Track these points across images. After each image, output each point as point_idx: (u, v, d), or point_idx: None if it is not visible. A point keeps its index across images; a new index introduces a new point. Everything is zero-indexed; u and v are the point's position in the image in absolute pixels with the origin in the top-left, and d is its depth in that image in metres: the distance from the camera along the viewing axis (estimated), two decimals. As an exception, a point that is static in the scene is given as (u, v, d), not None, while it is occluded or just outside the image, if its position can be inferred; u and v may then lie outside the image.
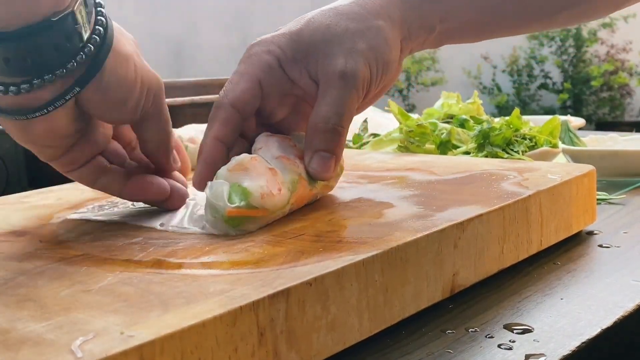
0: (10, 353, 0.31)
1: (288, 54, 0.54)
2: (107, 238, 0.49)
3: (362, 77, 0.52)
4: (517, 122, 0.87)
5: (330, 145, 0.53)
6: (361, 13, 0.54)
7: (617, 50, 5.27)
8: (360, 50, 0.53)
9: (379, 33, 0.54)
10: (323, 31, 0.53)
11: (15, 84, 0.45)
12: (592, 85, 5.22)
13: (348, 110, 0.52)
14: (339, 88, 0.52)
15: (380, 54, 0.54)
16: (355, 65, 0.52)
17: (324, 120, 0.52)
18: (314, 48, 0.53)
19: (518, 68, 5.48)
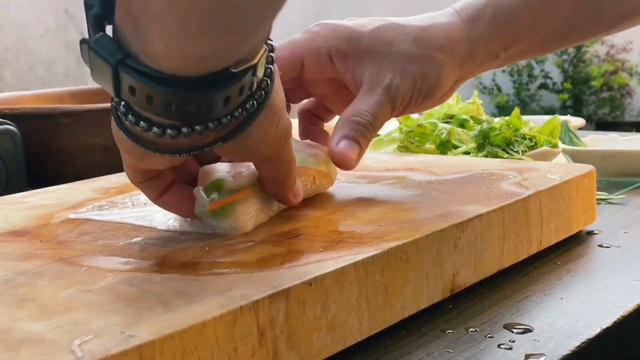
0: (10, 353, 0.31)
1: (342, 49, 0.56)
2: (107, 238, 0.49)
3: (402, 96, 0.56)
4: (517, 122, 0.87)
5: (359, 137, 0.55)
6: (426, 41, 0.57)
7: (617, 50, 5.26)
8: (411, 73, 0.56)
9: (435, 65, 0.57)
10: (385, 45, 0.56)
11: (161, 126, 0.39)
12: (592, 85, 5.22)
13: (381, 116, 0.56)
14: (380, 96, 0.55)
15: (427, 83, 0.57)
16: (401, 84, 0.55)
17: (359, 114, 0.55)
18: (368, 56, 0.56)
19: (518, 68, 5.47)
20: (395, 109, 0.56)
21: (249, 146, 0.43)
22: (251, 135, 0.42)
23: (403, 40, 0.56)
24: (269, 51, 0.41)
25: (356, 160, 0.55)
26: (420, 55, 0.56)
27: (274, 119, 0.43)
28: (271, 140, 0.44)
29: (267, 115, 0.42)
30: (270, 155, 0.46)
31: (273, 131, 0.44)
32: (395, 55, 0.56)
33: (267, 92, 0.41)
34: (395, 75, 0.55)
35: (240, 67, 0.38)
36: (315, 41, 0.57)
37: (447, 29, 0.58)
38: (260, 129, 0.42)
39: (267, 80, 0.41)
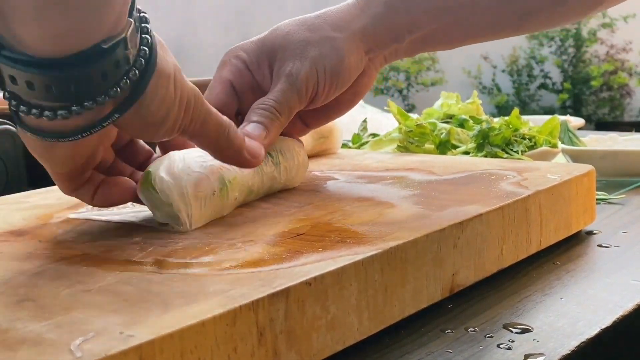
0: (9, 353, 0.31)
1: (253, 58, 0.60)
2: (107, 238, 0.49)
3: (305, 79, 0.58)
4: (517, 122, 0.87)
5: (265, 120, 0.57)
6: (320, 25, 0.60)
7: (617, 50, 5.27)
8: (309, 56, 0.58)
9: (331, 43, 0.59)
10: (282, 38, 0.60)
11: (52, 109, 0.41)
12: (591, 85, 5.22)
13: (286, 102, 0.58)
14: (282, 83, 0.58)
15: (329, 62, 0.59)
16: (300, 68, 0.58)
17: (262, 103, 0.58)
18: (273, 53, 0.60)
19: (518, 68, 5.48)
20: (302, 93, 0.58)
21: (152, 115, 0.44)
22: (148, 103, 0.44)
23: (298, 30, 0.59)
24: (143, 22, 0.43)
25: (264, 139, 0.56)
26: (316, 38, 0.59)
27: (168, 84, 0.44)
28: (175, 106, 0.45)
29: (158, 81, 0.44)
30: (192, 126, 0.47)
31: (172, 96, 0.45)
32: (294, 44, 0.59)
33: (147, 59, 0.43)
34: (295, 62, 0.58)
35: (110, 42, 0.40)
36: (233, 63, 0.60)
37: (341, 10, 0.61)
38: (156, 96, 0.44)
39: (145, 50, 0.43)
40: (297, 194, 0.60)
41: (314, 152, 0.75)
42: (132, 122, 0.44)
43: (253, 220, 0.52)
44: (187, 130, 0.47)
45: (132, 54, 0.42)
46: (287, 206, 0.56)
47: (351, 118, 1.16)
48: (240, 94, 0.60)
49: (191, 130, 0.47)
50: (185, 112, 0.46)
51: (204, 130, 0.48)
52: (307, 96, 0.59)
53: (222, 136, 0.50)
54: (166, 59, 0.45)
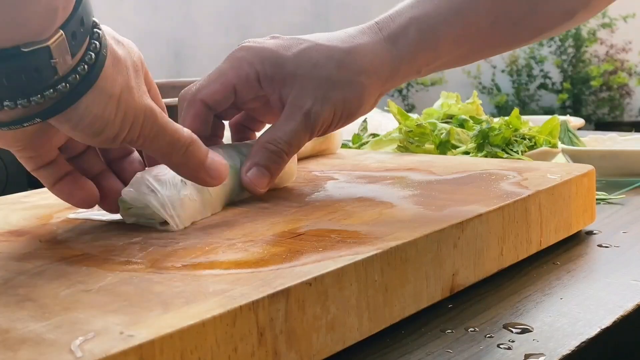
0: (9, 353, 0.31)
1: (268, 73, 0.58)
2: (107, 238, 0.49)
3: (322, 122, 0.57)
4: (517, 122, 0.87)
5: (271, 165, 0.57)
6: (350, 64, 0.57)
7: (617, 50, 5.26)
8: (332, 99, 0.57)
9: (357, 90, 0.57)
10: (307, 69, 0.57)
11: None
12: (591, 85, 5.22)
13: (297, 143, 0.57)
14: (297, 123, 0.57)
15: (349, 107, 0.58)
16: (321, 111, 0.57)
17: (274, 142, 0.57)
18: (293, 79, 0.57)
19: (517, 68, 5.47)
20: (313, 133, 0.58)
21: (85, 127, 0.44)
22: (79, 117, 0.43)
23: (326, 64, 0.57)
24: (94, 38, 0.43)
25: (264, 187, 0.57)
26: (344, 81, 0.57)
27: (107, 104, 0.44)
28: (114, 125, 0.45)
29: (95, 99, 0.43)
30: (140, 141, 0.47)
31: (112, 115, 0.44)
32: (319, 79, 0.57)
33: (83, 75, 0.43)
34: (316, 102, 0.56)
35: (30, 47, 0.40)
36: (243, 68, 0.58)
37: (371, 50, 0.58)
38: (89, 113, 0.43)
39: (84, 66, 0.43)
40: (297, 194, 0.60)
41: (314, 152, 0.75)
42: (62, 127, 0.44)
43: (253, 220, 0.52)
44: (135, 143, 0.47)
45: (64, 66, 0.42)
46: (287, 206, 0.56)
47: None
48: (241, 98, 0.59)
49: (139, 144, 0.47)
50: (131, 129, 0.46)
51: (154, 145, 0.48)
52: (317, 134, 0.58)
53: (177, 153, 0.49)
54: (114, 78, 0.45)
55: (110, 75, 0.44)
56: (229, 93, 0.58)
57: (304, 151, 0.74)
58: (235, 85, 0.58)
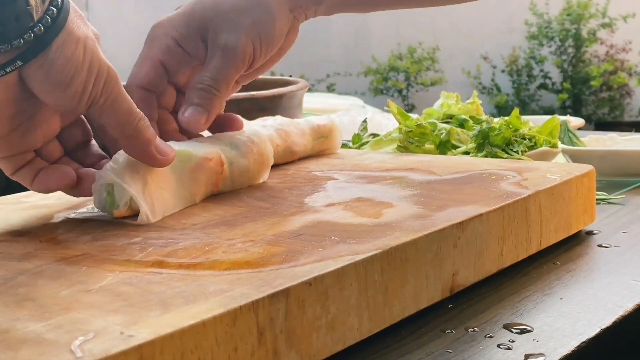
0: (10, 353, 0.31)
1: (184, 33, 0.60)
2: (107, 238, 0.49)
3: (242, 50, 0.58)
4: (517, 122, 0.87)
5: (204, 102, 0.58)
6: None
7: (617, 50, 5.27)
8: (243, 26, 0.58)
9: (263, 8, 0.59)
10: (211, 8, 0.59)
11: None
12: (591, 85, 5.22)
13: (224, 77, 0.59)
14: (218, 58, 0.58)
15: (264, 28, 0.59)
16: (236, 40, 0.58)
17: (200, 81, 0.59)
18: (204, 24, 0.59)
19: (517, 68, 5.48)
20: (239, 64, 0.59)
21: (58, 72, 0.47)
22: (52, 59, 0.47)
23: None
24: None
25: (203, 123, 0.59)
26: (247, 5, 0.59)
27: (76, 45, 0.47)
28: (82, 70, 0.48)
29: (66, 38, 0.47)
30: (102, 100, 0.49)
31: (79, 59, 0.47)
32: (225, 13, 0.59)
33: (54, 18, 0.46)
34: (229, 34, 0.58)
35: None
36: (161, 41, 0.60)
37: None
38: (61, 52, 0.47)
39: (53, 9, 0.46)
40: (297, 194, 0.60)
41: (313, 152, 0.76)
42: (38, 75, 0.47)
43: (253, 220, 0.52)
44: (96, 103, 0.49)
45: (38, 11, 0.45)
46: (287, 206, 0.56)
47: (351, 118, 1.16)
48: (172, 70, 0.61)
49: (100, 105, 0.49)
50: (96, 81, 0.48)
51: (114, 110, 0.50)
52: (245, 65, 0.60)
53: (130, 123, 0.51)
54: (78, 25, 0.48)
55: (75, 21, 0.48)
56: (160, 70, 0.60)
57: (304, 151, 0.74)
58: (161, 60, 0.60)
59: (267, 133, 0.70)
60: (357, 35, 5.91)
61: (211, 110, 0.59)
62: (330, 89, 5.67)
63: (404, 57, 5.74)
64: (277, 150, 0.70)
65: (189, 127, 0.59)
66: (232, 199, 0.59)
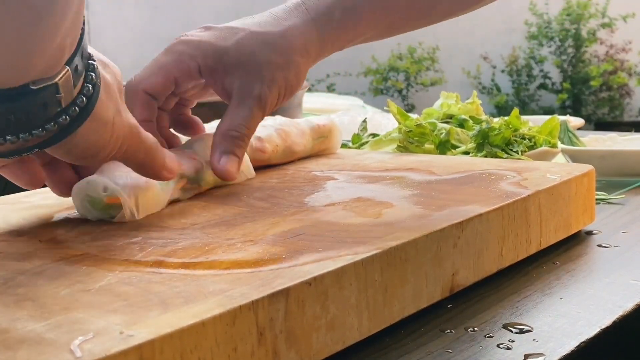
0: (9, 352, 0.31)
1: (210, 65, 0.61)
2: (107, 238, 0.49)
3: (271, 102, 0.61)
4: (516, 122, 0.87)
5: (237, 150, 0.61)
6: (285, 48, 0.62)
7: (617, 50, 5.27)
8: (277, 81, 0.61)
9: (295, 68, 0.62)
10: (247, 57, 0.61)
11: None
12: (591, 85, 5.22)
13: (254, 126, 0.62)
14: (251, 108, 0.61)
15: (290, 85, 0.63)
16: (269, 92, 0.61)
17: (235, 128, 0.60)
18: (235, 69, 0.61)
19: (517, 68, 5.48)
20: (265, 114, 0.62)
21: (81, 152, 0.47)
22: (77, 143, 0.46)
23: (264, 49, 0.61)
24: (89, 70, 0.45)
25: (237, 171, 0.61)
26: (283, 62, 0.61)
27: (104, 129, 0.47)
28: (108, 147, 0.48)
29: (92, 126, 0.45)
30: (123, 156, 0.50)
31: (107, 138, 0.47)
32: (260, 65, 0.61)
33: (82, 107, 0.44)
34: (263, 85, 0.61)
35: (39, 85, 0.41)
36: (184, 61, 0.61)
37: (301, 32, 0.63)
38: (88, 139, 0.46)
39: (83, 98, 0.44)
40: (296, 194, 0.60)
41: (313, 152, 0.76)
42: (56, 152, 0.46)
43: (253, 220, 0.52)
44: (117, 158, 0.50)
45: (67, 99, 0.43)
46: (287, 206, 0.56)
47: (351, 118, 1.16)
48: (182, 85, 0.63)
49: (121, 158, 0.51)
50: (119, 149, 0.49)
51: (133, 158, 0.51)
52: (267, 114, 0.62)
53: (148, 160, 0.52)
54: (108, 106, 0.47)
55: (104, 104, 0.46)
56: (170, 84, 0.62)
57: (303, 150, 0.74)
58: (177, 77, 0.61)
59: (267, 133, 0.70)
60: (357, 35, 5.90)
61: (242, 158, 0.62)
62: (330, 89, 5.67)
63: (404, 57, 5.74)
64: (276, 150, 0.70)
65: (225, 175, 0.60)
66: (232, 198, 0.59)
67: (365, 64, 5.77)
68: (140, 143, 0.51)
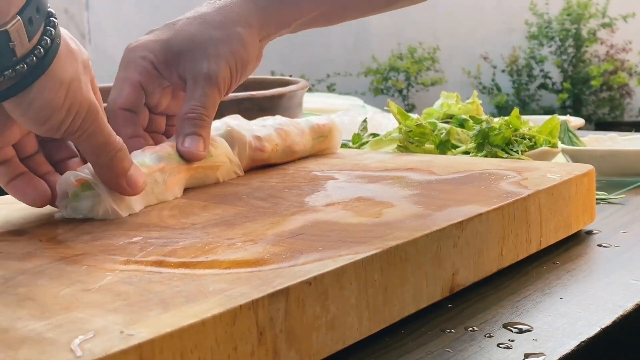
0: (10, 352, 0.32)
1: (160, 58, 0.63)
2: (107, 238, 0.49)
3: (223, 77, 0.62)
4: (517, 121, 0.87)
5: (199, 130, 0.61)
6: (223, 22, 0.63)
7: (617, 50, 5.27)
8: (222, 55, 0.62)
9: (239, 40, 0.63)
10: (189, 40, 0.62)
11: None
12: (591, 85, 5.22)
13: (211, 104, 0.62)
14: (203, 87, 0.62)
15: (239, 56, 0.63)
16: (217, 68, 0.62)
17: (192, 110, 0.61)
18: (181, 54, 0.62)
19: (518, 68, 5.48)
20: (221, 91, 0.62)
21: (33, 112, 0.48)
22: (30, 100, 0.47)
23: (204, 29, 0.63)
24: (49, 25, 0.47)
25: (203, 150, 0.62)
26: (224, 35, 0.62)
27: (58, 89, 0.48)
28: (60, 112, 0.48)
29: (48, 82, 0.47)
30: (78, 133, 0.51)
31: (61, 101, 0.48)
32: (202, 44, 0.62)
33: (39, 58, 0.46)
34: (210, 62, 0.62)
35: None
36: (139, 64, 0.63)
37: (238, 5, 0.64)
38: (40, 96, 0.47)
39: (40, 49, 0.46)
40: (296, 194, 0.60)
41: (313, 152, 0.76)
42: (13, 110, 0.47)
43: (253, 220, 0.52)
44: (73, 136, 0.51)
45: (21, 50, 0.45)
46: (287, 206, 0.56)
47: (351, 118, 1.16)
48: (148, 92, 0.63)
49: (76, 137, 0.51)
50: (74, 120, 0.50)
51: (89, 142, 0.52)
52: (225, 91, 0.63)
53: (105, 155, 0.53)
54: (66, 67, 0.48)
55: (62, 63, 0.48)
56: (139, 91, 0.63)
57: (303, 150, 0.74)
58: (140, 81, 0.63)
59: (266, 132, 0.70)
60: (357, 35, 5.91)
61: (206, 137, 0.62)
62: (330, 89, 5.67)
63: (404, 57, 5.74)
64: (276, 150, 0.70)
65: (191, 156, 0.61)
66: (232, 198, 0.59)
67: (366, 64, 5.76)
68: (99, 127, 0.52)
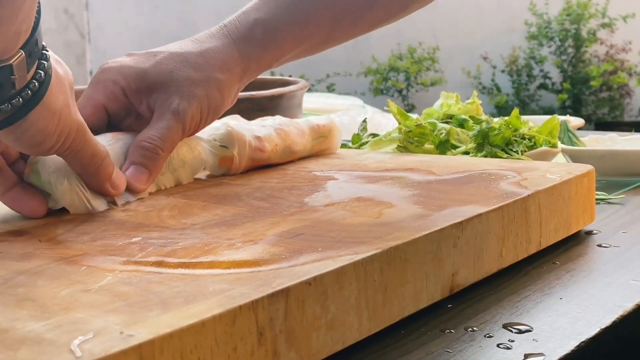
0: (9, 352, 0.31)
1: (132, 86, 0.62)
2: (107, 238, 0.49)
3: (191, 117, 0.62)
4: (517, 122, 0.87)
5: (148, 162, 0.60)
6: (204, 65, 0.63)
7: (617, 50, 5.26)
8: (196, 96, 0.62)
9: (216, 85, 0.63)
10: (166, 75, 0.62)
11: None
12: (591, 85, 5.22)
13: (170, 139, 0.61)
14: (168, 120, 0.61)
15: (213, 102, 0.63)
16: (188, 106, 0.61)
17: (148, 140, 0.60)
18: (156, 88, 0.62)
19: (517, 68, 5.47)
20: (186, 129, 0.62)
21: (28, 139, 0.49)
22: (24, 129, 0.48)
23: (182, 68, 0.62)
24: (42, 58, 0.47)
25: (145, 183, 0.60)
26: (202, 78, 0.62)
27: (52, 118, 0.49)
28: (53, 137, 0.50)
29: (42, 113, 0.48)
30: (67, 152, 0.52)
31: (53, 129, 0.49)
32: (179, 81, 0.62)
33: (35, 92, 0.47)
34: (182, 99, 0.61)
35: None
36: (108, 87, 0.62)
37: (222, 52, 0.64)
38: (36, 125, 0.48)
39: (35, 83, 0.47)
40: (297, 194, 0.60)
41: (313, 152, 0.76)
42: (6, 138, 0.48)
43: (253, 220, 0.52)
44: (62, 154, 0.52)
45: (20, 82, 0.45)
46: (287, 206, 0.56)
47: (351, 118, 1.16)
48: (113, 115, 0.63)
49: (66, 155, 0.53)
50: (63, 142, 0.51)
51: (78, 157, 0.53)
52: (189, 131, 0.63)
53: (92, 165, 0.54)
54: (57, 96, 0.49)
55: (54, 93, 0.49)
56: (102, 114, 0.63)
57: (303, 150, 0.74)
58: (105, 104, 0.63)
59: (266, 132, 0.70)
60: (357, 35, 5.90)
61: (154, 171, 0.60)
62: (330, 89, 5.67)
63: (404, 57, 5.74)
64: (276, 150, 0.70)
65: (131, 186, 0.59)
66: (232, 198, 0.59)
67: (365, 64, 5.76)
68: (86, 143, 0.53)
